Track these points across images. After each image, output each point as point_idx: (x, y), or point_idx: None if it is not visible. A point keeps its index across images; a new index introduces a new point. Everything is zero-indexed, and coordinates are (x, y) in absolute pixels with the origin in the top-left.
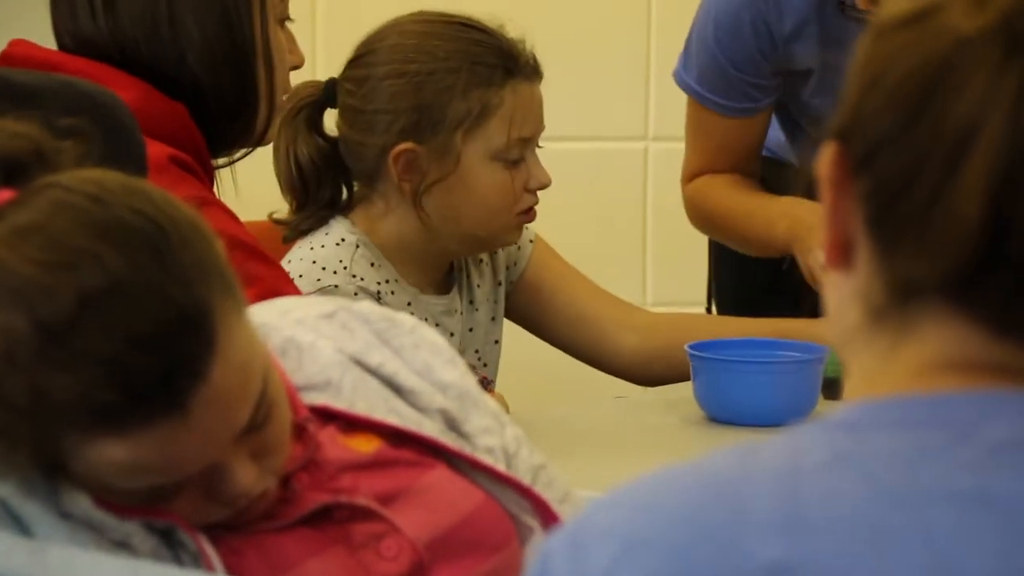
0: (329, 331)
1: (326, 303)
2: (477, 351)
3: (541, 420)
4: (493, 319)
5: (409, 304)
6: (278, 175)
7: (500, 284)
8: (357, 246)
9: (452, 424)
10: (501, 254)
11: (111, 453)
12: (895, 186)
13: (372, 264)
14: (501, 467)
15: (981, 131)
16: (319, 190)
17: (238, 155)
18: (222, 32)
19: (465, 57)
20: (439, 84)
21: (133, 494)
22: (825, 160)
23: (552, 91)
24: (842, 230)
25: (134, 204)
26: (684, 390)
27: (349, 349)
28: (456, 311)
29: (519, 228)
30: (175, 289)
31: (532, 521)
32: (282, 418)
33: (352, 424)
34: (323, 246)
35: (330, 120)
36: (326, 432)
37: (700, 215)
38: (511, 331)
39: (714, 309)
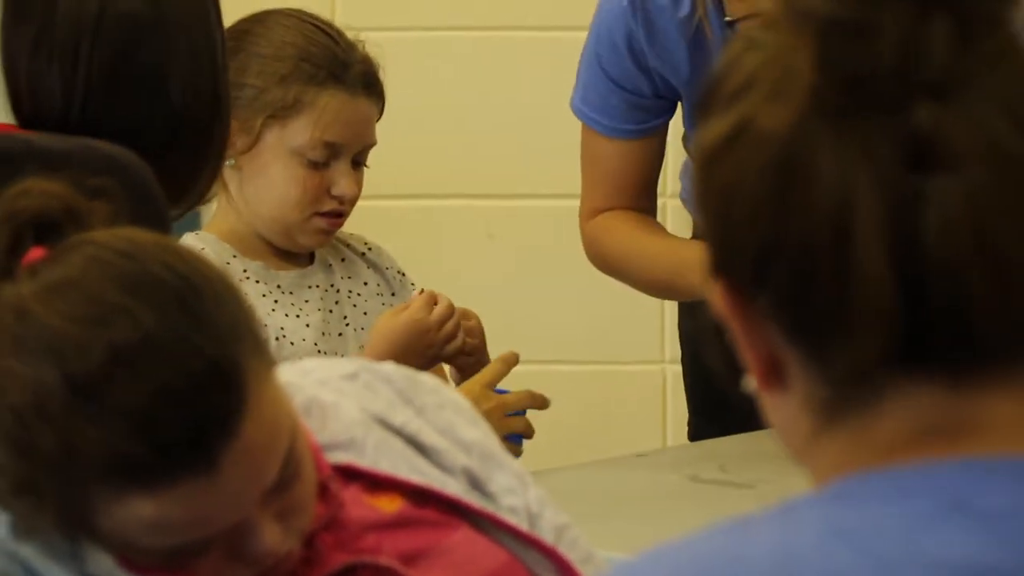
0: (352, 391)
1: (348, 364)
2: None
3: (562, 478)
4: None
5: (245, 271)
6: None
7: (394, 294)
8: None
9: (475, 484)
10: (380, 259)
11: (139, 509)
12: (797, 288)
13: (202, 249)
14: (524, 527)
15: (852, 198)
16: None
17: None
18: (206, 69)
19: (296, 51)
20: (264, 68)
21: (157, 553)
22: (717, 300)
23: (573, 148)
24: (764, 354)
25: (166, 261)
26: (704, 448)
27: (372, 409)
28: (315, 286)
29: (320, 233)
30: (206, 345)
31: None
32: (308, 477)
33: (375, 483)
34: None
35: None
36: (349, 491)
37: (598, 255)
38: (528, 385)
39: None
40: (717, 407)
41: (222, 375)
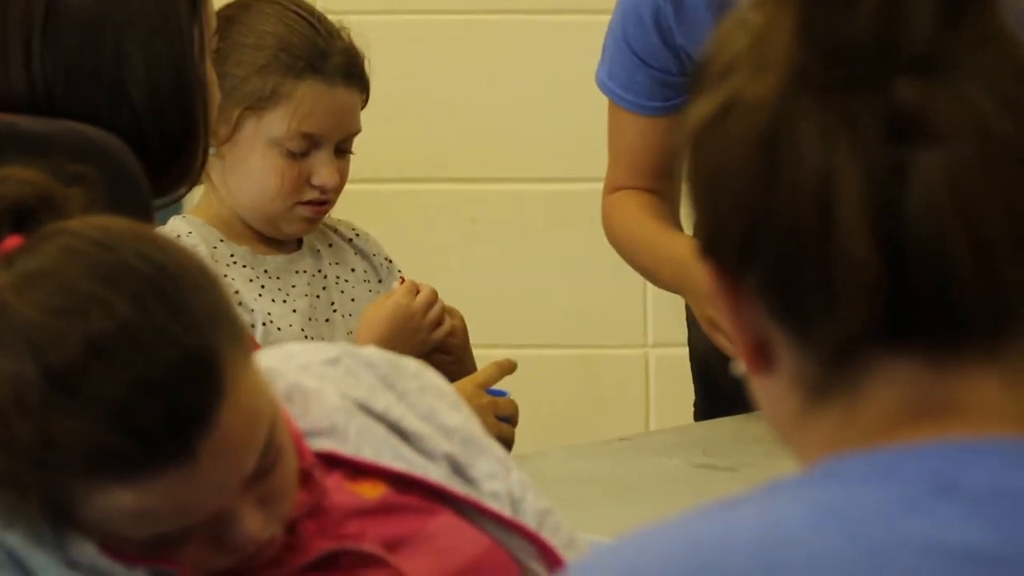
0: (334, 376)
1: (330, 349)
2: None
3: (545, 462)
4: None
5: (232, 256)
6: None
7: (380, 281)
8: (178, 235)
9: (458, 469)
10: (367, 245)
11: (119, 500)
12: (783, 265)
13: (188, 233)
14: (507, 512)
15: (835, 173)
16: None
17: (174, 197)
18: (168, 67)
19: (276, 41)
20: (243, 57)
21: (140, 542)
22: (708, 280)
23: (557, 133)
24: (752, 333)
25: (142, 250)
26: (687, 432)
27: (354, 394)
28: (302, 271)
29: (304, 221)
30: (184, 334)
31: (538, 566)
32: (289, 464)
33: (358, 470)
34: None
35: None
36: (332, 478)
37: (607, 232)
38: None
39: None
40: (727, 388)
41: (200, 364)
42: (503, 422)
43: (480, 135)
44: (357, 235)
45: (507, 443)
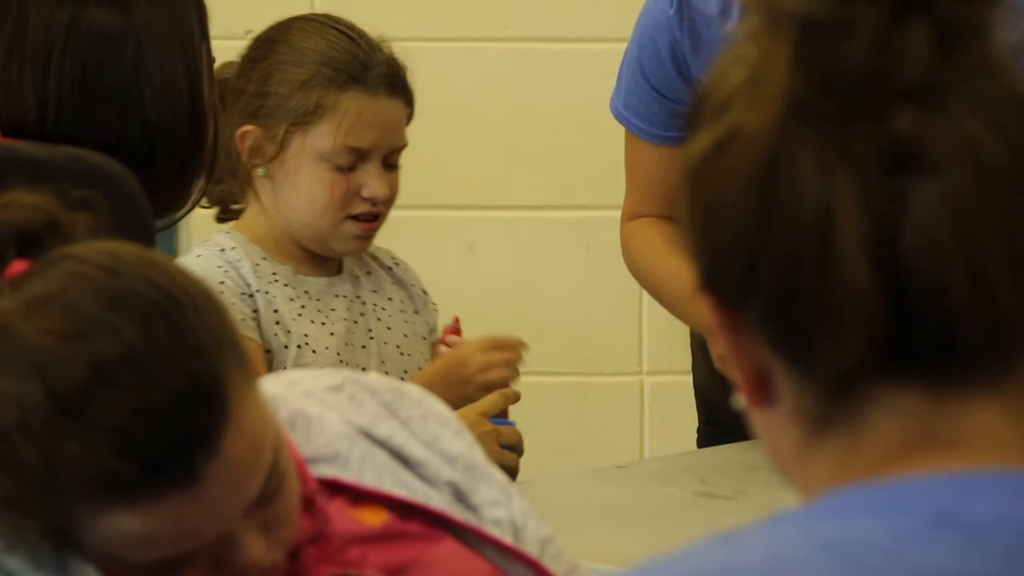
0: (337, 403)
1: (334, 376)
2: (398, 346)
3: (545, 490)
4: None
5: (274, 274)
6: None
7: (416, 312)
8: (222, 249)
9: (460, 496)
10: (406, 275)
11: (123, 524)
12: (782, 297)
13: (231, 247)
14: (508, 540)
15: (834, 204)
16: (227, 177)
17: (171, 220)
18: (184, 84)
19: (318, 56)
20: (286, 74)
21: (142, 566)
22: (707, 314)
23: (554, 160)
24: (752, 366)
25: (148, 275)
26: (685, 460)
27: (357, 421)
28: (342, 296)
29: (354, 239)
30: (189, 360)
31: None
32: (292, 490)
33: (360, 496)
34: (199, 255)
35: None
36: (334, 505)
37: (627, 260)
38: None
39: None
40: (730, 415)
41: (204, 390)
42: (507, 450)
43: (477, 162)
44: (396, 264)
45: (511, 471)
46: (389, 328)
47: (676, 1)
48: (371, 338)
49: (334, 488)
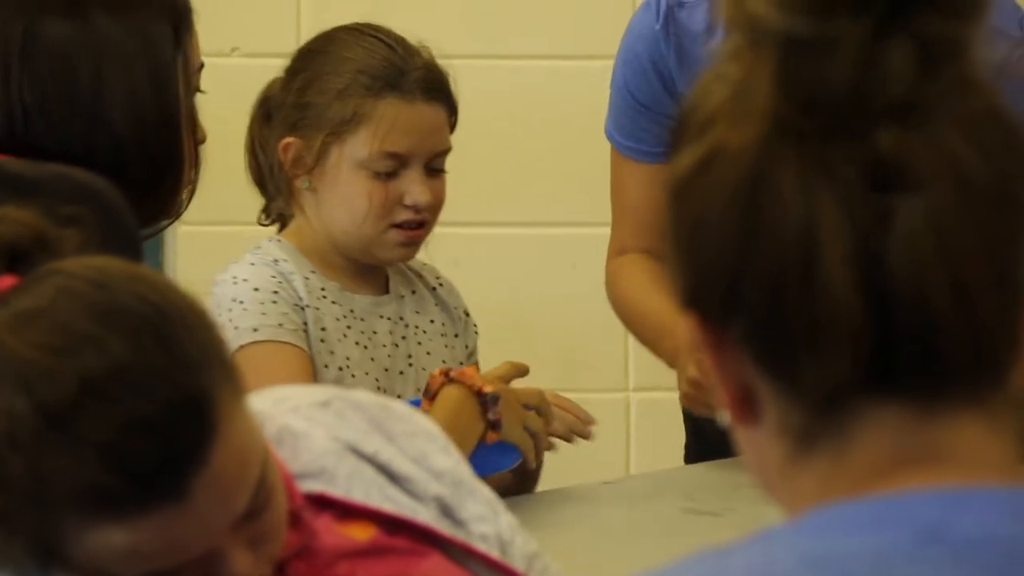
0: (324, 419)
1: (320, 392)
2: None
3: (532, 506)
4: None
5: (323, 289)
6: (247, 168)
7: (457, 336)
8: (275, 260)
9: (447, 511)
10: (449, 297)
11: (110, 538)
12: (767, 315)
13: (283, 259)
14: (496, 555)
15: (817, 222)
16: (275, 192)
17: (154, 231)
18: (151, 96)
19: (353, 65)
20: (324, 85)
21: None
22: (689, 332)
23: (540, 177)
24: (737, 384)
25: (137, 290)
26: (671, 476)
27: (344, 437)
28: (387, 317)
29: (400, 246)
30: (177, 374)
31: None
32: (279, 505)
33: (347, 512)
34: (252, 264)
35: None
36: (322, 520)
37: (611, 298)
38: None
39: None
40: (717, 431)
41: (193, 404)
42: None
43: (463, 179)
44: (441, 285)
45: (533, 435)
46: (429, 353)
47: (663, 16)
48: (410, 365)
49: (321, 503)
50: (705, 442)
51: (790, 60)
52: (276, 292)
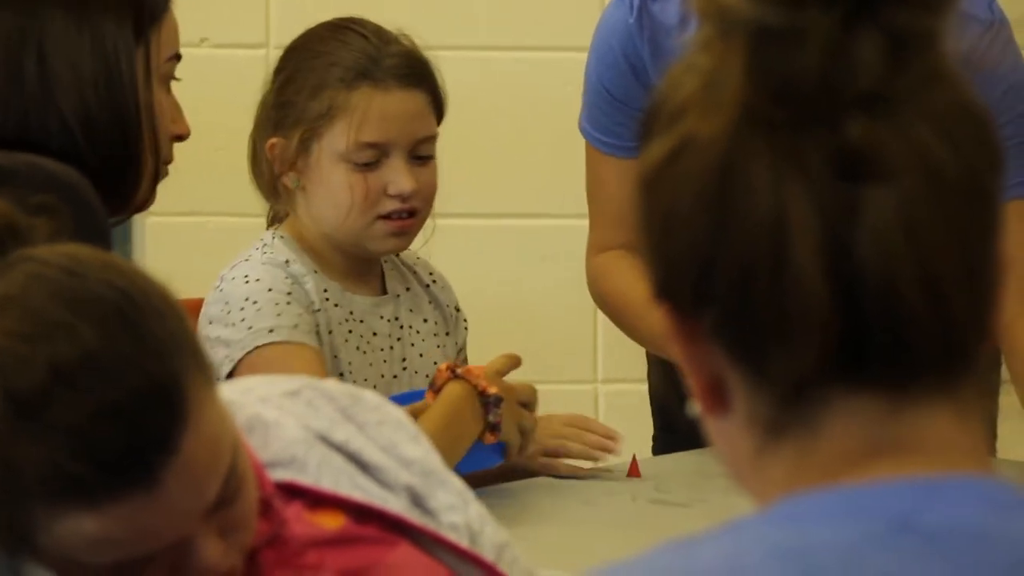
0: (294, 408)
1: (290, 381)
2: (428, 376)
3: (500, 497)
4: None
5: (325, 291)
6: (251, 174)
7: (448, 334)
8: (286, 260)
9: (417, 500)
10: (442, 293)
11: (80, 526)
12: (737, 305)
13: (293, 259)
14: (465, 544)
15: (787, 212)
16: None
17: (116, 221)
18: (101, 87)
19: (328, 59)
20: (300, 82)
21: (99, 569)
22: (663, 320)
23: (509, 169)
24: (707, 374)
25: (108, 277)
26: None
27: (314, 426)
28: (386, 318)
29: (388, 236)
30: (148, 361)
31: None
32: (250, 493)
33: (318, 500)
34: (263, 264)
35: None
36: (292, 508)
37: (597, 296)
38: None
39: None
40: (687, 424)
41: (163, 392)
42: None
43: None
44: (434, 281)
45: (526, 432)
46: (421, 355)
47: (636, 10)
48: (404, 367)
49: (291, 492)
50: (674, 434)
51: (760, 50)
52: (290, 293)
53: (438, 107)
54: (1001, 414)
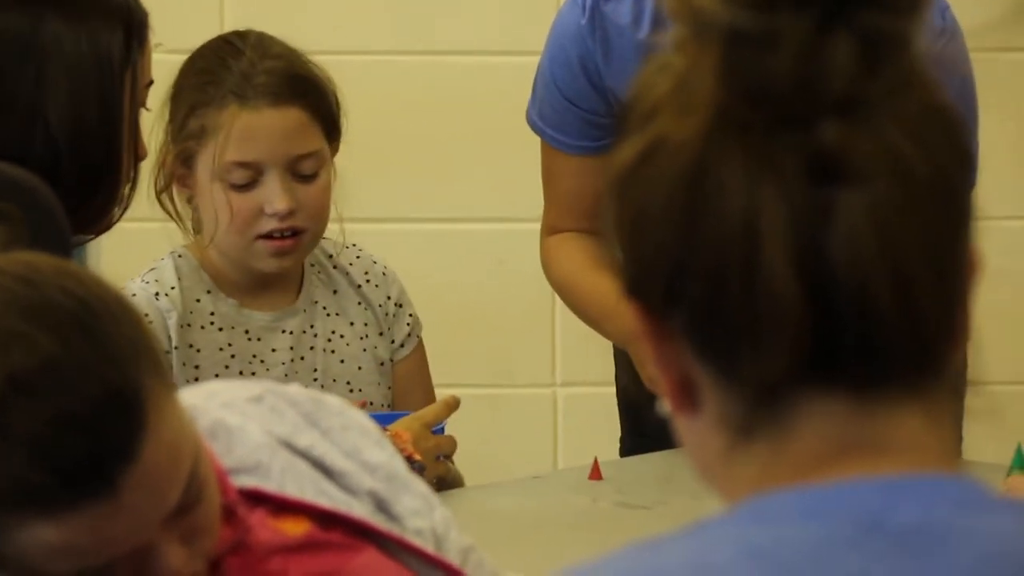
0: (257, 414)
1: (253, 386)
2: (348, 383)
3: (464, 500)
4: (370, 361)
5: (212, 315)
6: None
7: (382, 334)
8: (156, 293)
9: (381, 506)
10: (375, 293)
11: (40, 535)
12: (708, 305)
13: (172, 287)
14: (430, 549)
15: (759, 214)
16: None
17: (89, 236)
18: (95, 100)
19: (204, 76)
20: (182, 99)
21: None
22: (632, 320)
23: (466, 173)
24: (677, 373)
25: (64, 285)
26: (601, 470)
27: (278, 432)
28: (288, 331)
29: (270, 256)
30: (106, 369)
31: None
32: (212, 500)
33: (282, 507)
34: (143, 287)
35: None
36: (256, 515)
37: (547, 276)
38: None
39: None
40: (652, 426)
41: (121, 399)
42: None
43: (390, 175)
44: (368, 280)
45: (456, 482)
46: (342, 361)
47: (588, 11)
48: (315, 380)
49: (255, 498)
50: (642, 438)
51: (733, 53)
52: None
53: (325, 122)
54: (967, 416)
